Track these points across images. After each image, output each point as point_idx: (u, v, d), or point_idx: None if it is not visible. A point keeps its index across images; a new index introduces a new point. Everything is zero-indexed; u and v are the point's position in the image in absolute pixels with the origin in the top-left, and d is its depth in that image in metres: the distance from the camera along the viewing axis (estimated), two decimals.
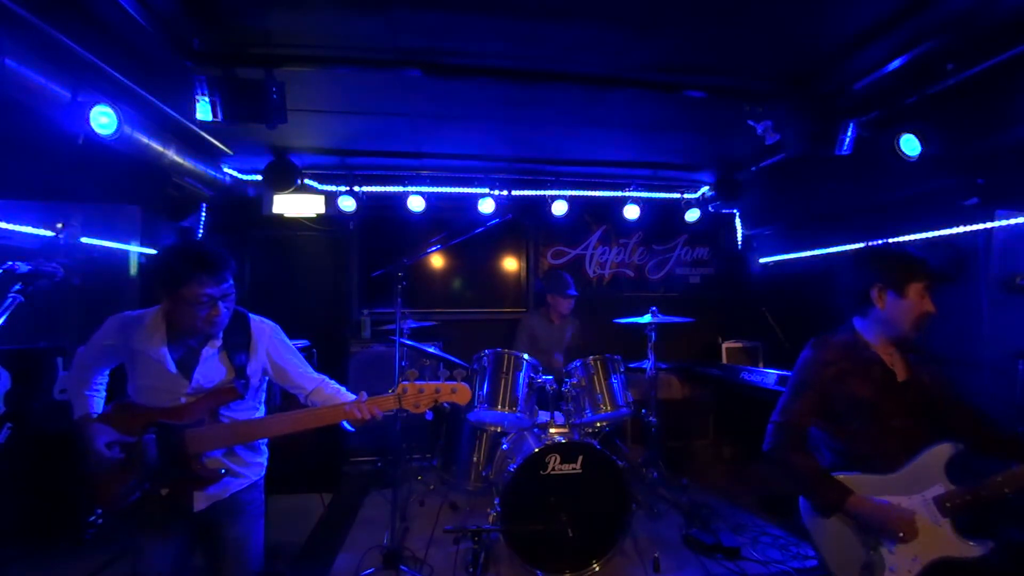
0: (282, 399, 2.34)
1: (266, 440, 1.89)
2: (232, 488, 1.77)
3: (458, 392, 1.78)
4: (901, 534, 1.58)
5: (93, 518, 1.68)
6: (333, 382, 1.91)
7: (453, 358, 3.56)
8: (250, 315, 1.82)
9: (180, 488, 1.68)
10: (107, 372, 1.81)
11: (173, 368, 1.67)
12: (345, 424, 1.77)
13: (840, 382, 1.73)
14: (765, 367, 4.19)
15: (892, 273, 1.73)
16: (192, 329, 1.64)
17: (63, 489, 2.83)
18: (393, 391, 1.73)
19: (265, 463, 1.91)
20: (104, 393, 1.80)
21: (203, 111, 2.62)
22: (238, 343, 1.74)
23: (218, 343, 1.72)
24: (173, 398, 1.67)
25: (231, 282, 1.65)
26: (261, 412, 1.89)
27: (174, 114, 3.29)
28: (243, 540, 1.81)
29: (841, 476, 1.69)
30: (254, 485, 1.85)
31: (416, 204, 4.64)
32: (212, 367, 1.71)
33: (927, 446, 1.67)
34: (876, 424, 1.71)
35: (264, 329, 1.82)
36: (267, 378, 1.86)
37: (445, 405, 1.78)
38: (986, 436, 1.72)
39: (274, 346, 1.82)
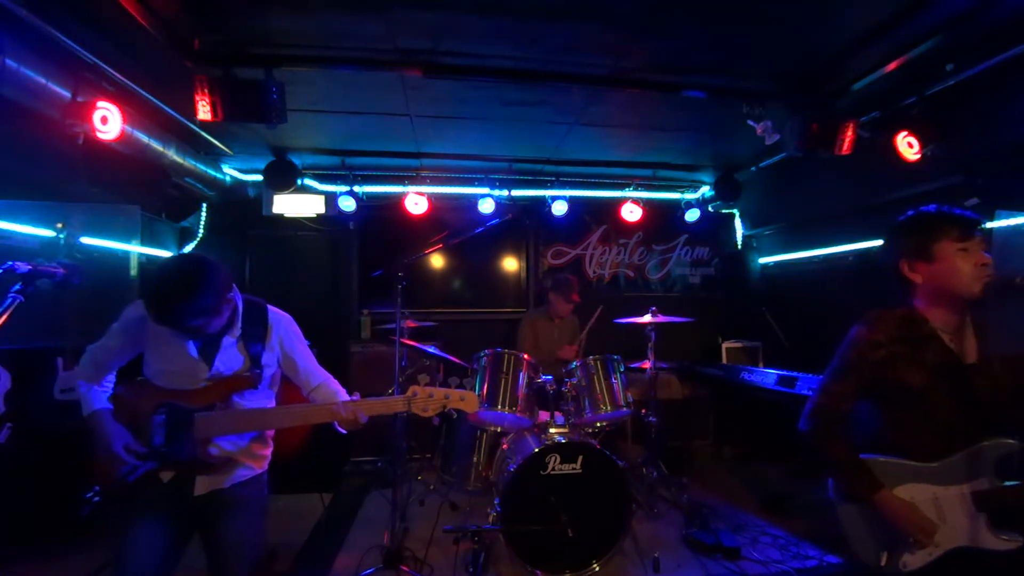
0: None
1: (273, 433, 1.90)
2: (235, 477, 1.76)
3: (467, 400, 1.85)
4: (914, 541, 1.53)
5: (90, 495, 1.67)
6: (336, 382, 1.92)
7: (453, 358, 3.55)
8: (268, 306, 1.85)
9: (184, 473, 1.69)
10: (116, 371, 1.80)
11: (195, 352, 1.69)
12: (336, 426, 1.78)
13: (888, 366, 1.58)
14: (765, 367, 4.19)
15: (911, 241, 1.61)
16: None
17: (63, 488, 2.85)
18: (398, 392, 1.73)
19: (269, 457, 1.90)
20: (111, 393, 1.79)
21: (203, 111, 2.62)
22: (255, 333, 1.78)
23: (238, 332, 1.75)
24: (192, 383, 1.69)
25: (207, 310, 1.58)
26: (271, 405, 1.90)
27: (174, 114, 3.30)
28: (243, 542, 1.78)
29: (877, 459, 1.61)
30: (256, 479, 1.83)
31: (416, 204, 4.63)
32: (231, 355, 1.74)
33: (979, 438, 1.56)
34: (922, 415, 1.59)
35: (280, 320, 1.86)
36: (279, 371, 1.88)
37: (452, 412, 1.80)
38: None
39: (288, 336, 1.86)
